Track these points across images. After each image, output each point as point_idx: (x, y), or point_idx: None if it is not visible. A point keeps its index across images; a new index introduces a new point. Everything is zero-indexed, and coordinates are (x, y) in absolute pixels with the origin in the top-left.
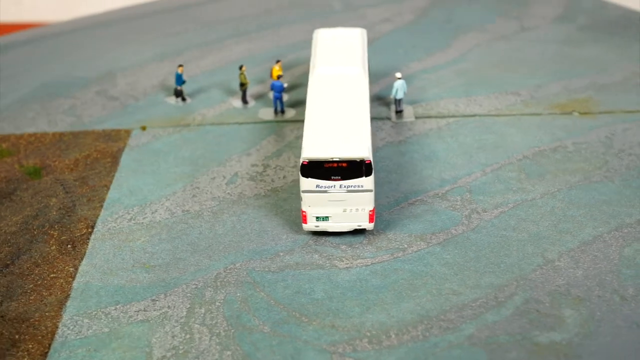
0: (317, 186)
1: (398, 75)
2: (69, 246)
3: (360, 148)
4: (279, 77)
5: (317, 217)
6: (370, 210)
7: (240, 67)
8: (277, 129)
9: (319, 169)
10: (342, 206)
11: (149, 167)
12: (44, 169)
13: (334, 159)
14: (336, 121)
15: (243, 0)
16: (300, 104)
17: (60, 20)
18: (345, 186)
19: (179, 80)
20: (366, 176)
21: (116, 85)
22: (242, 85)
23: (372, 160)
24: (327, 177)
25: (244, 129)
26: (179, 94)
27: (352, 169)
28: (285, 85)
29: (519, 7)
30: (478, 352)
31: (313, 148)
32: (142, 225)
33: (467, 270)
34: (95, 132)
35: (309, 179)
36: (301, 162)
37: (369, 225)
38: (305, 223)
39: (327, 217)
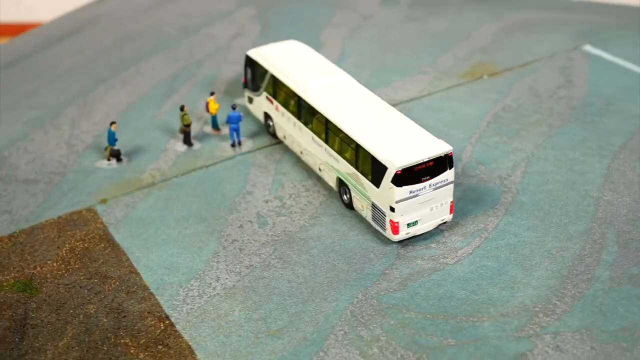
0: (410, 192)
1: None
2: (159, 347)
3: (439, 143)
4: (233, 107)
5: (408, 224)
6: (451, 202)
7: (182, 108)
8: (252, 161)
9: (410, 175)
10: (429, 205)
11: (157, 237)
12: (33, 279)
13: (424, 160)
14: (384, 126)
15: (73, 44)
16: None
17: None
18: (433, 184)
19: (112, 138)
20: (450, 168)
21: (15, 166)
22: (187, 126)
23: None
24: (417, 181)
25: (217, 170)
26: (115, 154)
27: (437, 165)
28: (240, 114)
29: None
30: (629, 289)
31: (399, 156)
32: (221, 296)
33: (550, 227)
34: (52, 223)
35: (403, 187)
36: (394, 173)
37: (449, 217)
38: (397, 234)
39: (417, 221)
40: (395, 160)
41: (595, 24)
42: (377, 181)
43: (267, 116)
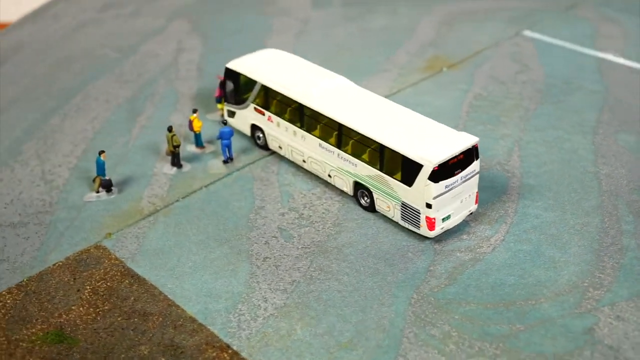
0: (446, 186)
1: None
2: None
3: (465, 135)
4: (224, 122)
5: (443, 219)
6: (476, 192)
7: (170, 129)
8: (250, 175)
9: (445, 170)
10: (460, 198)
11: (183, 266)
12: (63, 329)
13: (457, 154)
14: (402, 125)
15: (5, 74)
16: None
17: None
18: (463, 177)
19: (102, 169)
20: (476, 159)
21: None
22: (177, 147)
23: None
24: (451, 175)
25: (218, 189)
26: (106, 185)
27: (466, 157)
28: (232, 129)
29: (271, 6)
30: None
31: (433, 153)
32: (276, 316)
33: (565, 205)
34: (61, 266)
35: (439, 182)
36: (431, 170)
37: (475, 207)
38: (433, 230)
39: (450, 214)
40: (430, 157)
41: (524, 9)
42: (408, 180)
43: (255, 128)
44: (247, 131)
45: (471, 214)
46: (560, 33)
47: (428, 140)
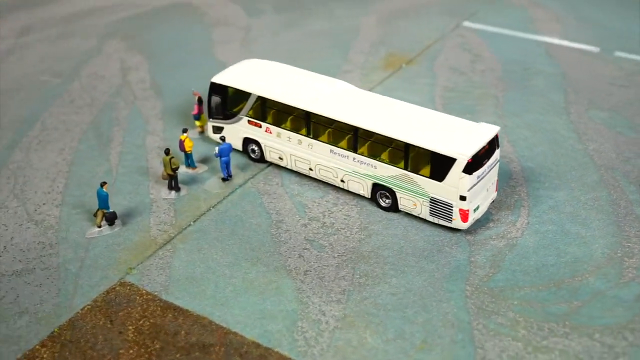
0: (477, 177)
1: None
2: None
3: (486, 126)
4: (222, 139)
5: (474, 210)
6: (496, 180)
7: (167, 152)
8: (255, 190)
9: (476, 161)
10: (485, 187)
11: (223, 291)
12: None
13: (484, 144)
14: (419, 122)
15: None
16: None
17: None
18: (489, 166)
19: (105, 201)
20: (497, 148)
21: None
22: (176, 170)
23: None
24: (480, 165)
25: (227, 208)
26: (110, 218)
27: (490, 147)
28: (231, 145)
29: (205, 16)
30: None
31: (463, 146)
32: (340, 328)
33: (570, 182)
34: (90, 309)
35: (472, 174)
36: (465, 163)
37: (495, 195)
38: (467, 221)
39: (478, 205)
40: (463, 150)
41: (455, 2)
42: (439, 175)
43: (248, 142)
44: (239, 146)
45: (493, 201)
46: (498, 21)
47: (452, 134)
